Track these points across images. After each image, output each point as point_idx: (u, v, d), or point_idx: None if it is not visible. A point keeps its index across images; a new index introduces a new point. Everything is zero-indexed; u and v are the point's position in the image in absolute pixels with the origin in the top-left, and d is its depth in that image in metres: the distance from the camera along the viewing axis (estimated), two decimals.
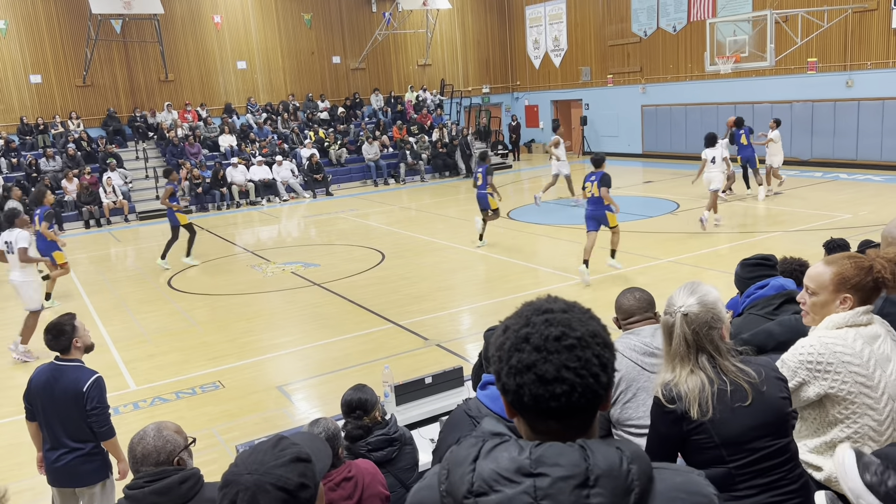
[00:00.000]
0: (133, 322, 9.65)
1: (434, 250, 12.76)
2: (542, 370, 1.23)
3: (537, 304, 1.31)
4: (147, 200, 19.79)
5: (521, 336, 1.26)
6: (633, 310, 3.22)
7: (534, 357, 1.24)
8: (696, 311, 2.36)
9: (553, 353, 1.23)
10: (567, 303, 1.31)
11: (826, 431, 2.61)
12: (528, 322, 1.27)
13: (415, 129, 24.56)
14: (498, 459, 1.23)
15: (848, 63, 18.11)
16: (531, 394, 1.23)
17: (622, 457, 1.21)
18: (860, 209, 13.14)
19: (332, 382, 6.94)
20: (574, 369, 1.22)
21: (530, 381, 1.23)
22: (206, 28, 23.34)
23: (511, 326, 1.29)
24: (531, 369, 1.23)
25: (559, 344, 1.23)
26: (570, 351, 1.23)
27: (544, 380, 1.22)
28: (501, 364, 1.28)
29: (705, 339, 2.35)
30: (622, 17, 24.06)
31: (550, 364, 1.22)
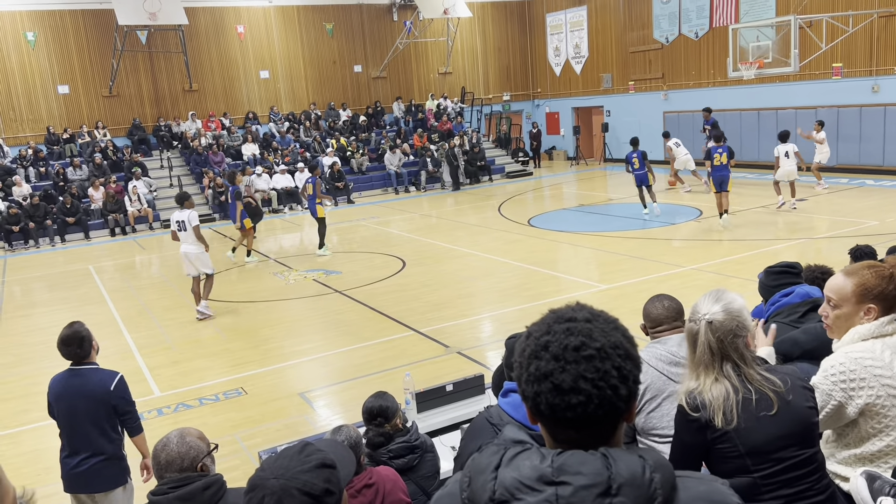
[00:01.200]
0: (157, 329, 9.75)
1: (454, 257, 12.76)
2: (559, 379, 1.22)
3: (561, 311, 1.30)
4: (171, 209, 19.98)
5: (541, 344, 1.26)
6: (661, 318, 3.18)
7: (552, 366, 1.23)
8: (720, 318, 2.33)
9: (571, 362, 1.22)
10: (592, 312, 1.29)
11: (858, 445, 2.55)
12: (550, 330, 1.26)
13: (435, 136, 24.62)
14: (520, 468, 1.22)
15: (874, 68, 17.88)
16: (547, 403, 1.23)
17: (645, 465, 1.20)
18: (887, 216, 12.93)
19: (353, 389, 6.96)
20: (591, 380, 1.21)
21: (547, 390, 1.23)
22: (230, 38, 23.63)
23: (533, 333, 1.29)
24: (548, 378, 1.23)
25: (578, 354, 1.22)
26: (588, 361, 1.22)
27: (561, 389, 1.21)
28: (521, 370, 1.28)
29: (730, 347, 2.32)
30: (644, 23, 23.97)
31: (567, 374, 1.21)
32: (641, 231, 13.72)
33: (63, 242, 18.15)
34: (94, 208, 19.06)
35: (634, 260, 11.41)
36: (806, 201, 15.09)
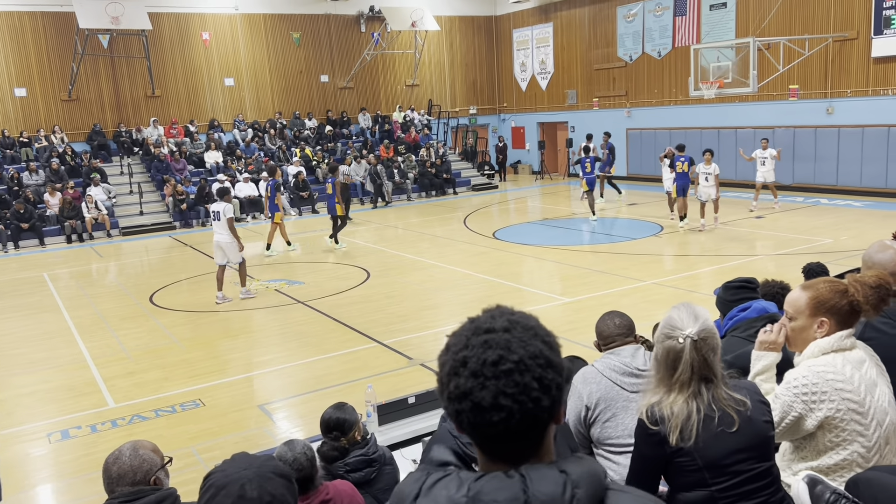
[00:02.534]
0: (113, 338, 9.54)
1: (419, 269, 12.74)
2: (479, 397, 1.17)
3: (480, 321, 1.25)
4: (131, 216, 19.68)
5: (459, 360, 1.20)
6: (613, 335, 3.24)
7: (470, 384, 1.18)
8: (704, 336, 2.32)
9: (490, 378, 1.17)
10: (511, 319, 1.23)
11: (816, 458, 2.59)
12: (467, 344, 1.21)
13: (402, 148, 24.64)
14: (436, 498, 1.19)
15: (828, 90, 18.41)
16: (469, 421, 1.19)
17: (566, 482, 1.16)
18: (841, 234, 13.29)
19: (314, 402, 6.88)
20: (512, 395, 1.16)
21: (468, 409, 1.18)
22: (195, 44, 23.37)
23: (451, 348, 1.24)
24: (468, 397, 1.18)
25: (496, 369, 1.17)
26: (507, 376, 1.17)
27: (481, 407, 1.17)
28: (443, 388, 1.23)
29: (712, 365, 2.31)
30: (608, 41, 24.37)
31: (487, 391, 1.17)
32: (604, 245, 13.88)
33: (16, 248, 17.67)
34: (49, 214, 18.62)
35: (596, 274, 11.52)
36: (763, 218, 15.44)
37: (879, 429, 2.53)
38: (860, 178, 17.77)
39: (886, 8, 16.86)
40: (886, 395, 2.59)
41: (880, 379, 2.60)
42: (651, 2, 22.60)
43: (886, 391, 2.60)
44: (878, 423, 2.52)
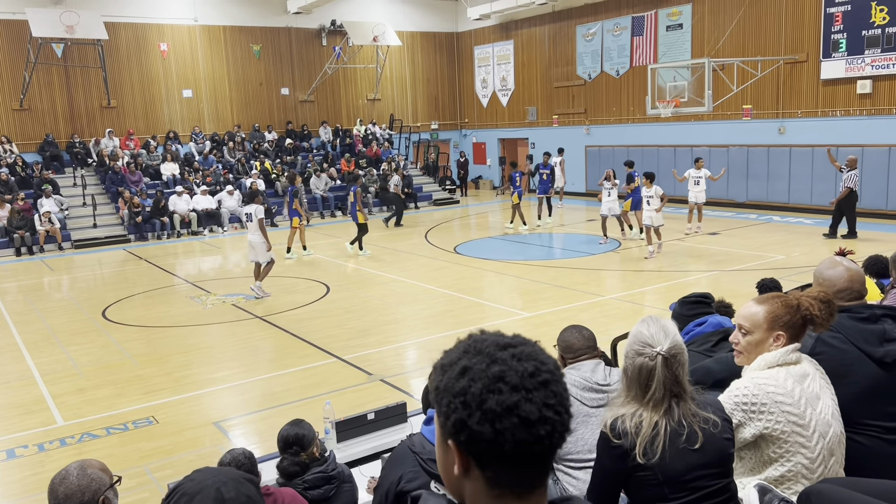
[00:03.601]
0: (63, 354, 9.26)
1: (380, 284, 12.68)
2: (526, 411, 1.11)
3: (491, 338, 1.20)
4: (84, 228, 19.22)
5: (493, 375, 1.13)
6: (579, 347, 3.24)
7: (515, 398, 1.11)
8: (674, 352, 2.31)
9: (532, 390, 1.12)
10: (518, 335, 1.22)
11: (762, 470, 2.65)
12: (495, 359, 1.15)
13: (363, 162, 24.58)
14: None
15: (780, 111, 18.95)
16: (514, 440, 1.11)
17: None
18: (792, 250, 13.64)
19: (271, 418, 6.76)
20: (552, 406, 1.13)
21: (512, 426, 1.11)
22: (152, 55, 23.03)
23: (473, 367, 1.15)
24: (513, 412, 1.11)
25: (535, 380, 1.13)
26: (545, 387, 1.13)
27: (528, 422, 1.11)
28: (470, 410, 1.12)
29: (682, 381, 2.31)
30: (568, 60, 24.73)
31: (532, 404, 1.11)
32: (563, 260, 14.01)
33: None
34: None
35: (556, 289, 11.61)
36: (718, 235, 15.76)
37: (822, 441, 2.58)
38: (811, 196, 18.28)
39: (834, 32, 17.46)
40: (830, 408, 2.65)
41: (824, 392, 2.67)
42: (609, 21, 23.04)
43: (830, 404, 2.66)
44: (821, 436, 2.58)
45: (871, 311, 3.01)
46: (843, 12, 17.26)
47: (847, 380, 2.85)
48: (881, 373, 2.90)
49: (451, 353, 1.22)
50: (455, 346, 1.23)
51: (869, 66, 16.92)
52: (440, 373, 1.20)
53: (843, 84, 17.56)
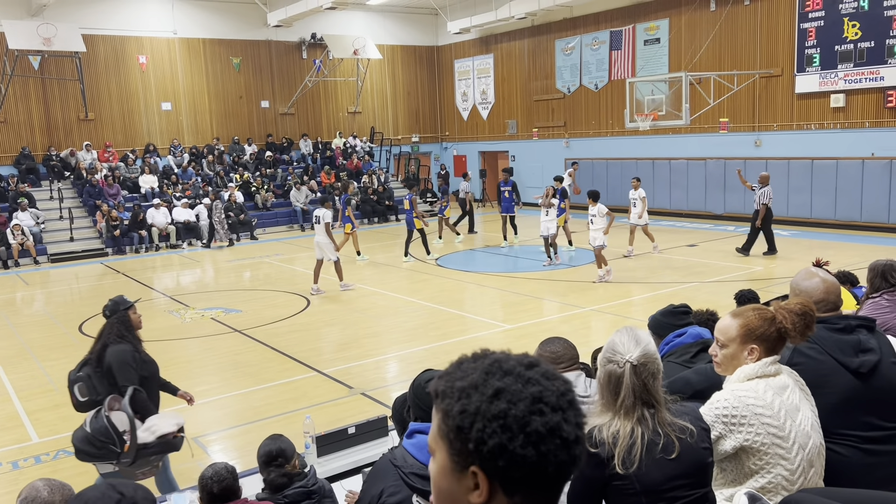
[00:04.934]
0: (39, 370, 9.12)
1: (360, 296, 12.64)
2: (567, 432, 1.08)
3: (512, 357, 1.16)
4: (60, 242, 18.98)
5: (531, 396, 1.09)
6: (562, 357, 3.25)
7: (557, 418, 1.08)
8: (644, 361, 2.34)
9: (567, 410, 1.10)
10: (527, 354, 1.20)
11: (742, 482, 2.67)
12: (529, 379, 1.11)
13: (344, 174, 24.56)
14: None
15: (756, 124, 19.23)
16: (557, 461, 1.08)
17: None
18: (770, 262, 13.79)
19: (251, 433, 6.70)
20: (581, 426, 1.11)
21: (556, 447, 1.08)
22: (131, 68, 22.89)
23: (509, 388, 1.10)
24: (556, 433, 1.08)
25: (566, 399, 1.11)
26: (574, 406, 1.11)
27: (568, 443, 1.08)
28: (511, 434, 1.07)
29: (652, 390, 2.33)
30: (547, 73, 24.93)
31: (570, 424, 1.09)
32: (544, 272, 14.05)
33: None
34: None
35: (537, 300, 11.64)
36: (696, 247, 15.90)
37: (802, 452, 2.60)
38: (787, 208, 18.51)
39: (808, 47, 17.78)
40: (809, 419, 2.67)
41: (803, 403, 2.69)
42: (588, 36, 23.28)
43: (810, 415, 2.69)
44: (801, 447, 2.60)
45: (847, 322, 3.05)
46: (817, 27, 17.59)
47: (824, 390, 2.88)
48: (857, 383, 2.93)
49: (465, 373, 1.15)
50: (464, 366, 1.17)
51: (842, 81, 17.23)
52: (463, 395, 1.12)
53: (817, 98, 17.86)
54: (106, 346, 4.81)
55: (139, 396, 4.66)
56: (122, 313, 4.89)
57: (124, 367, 4.75)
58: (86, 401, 4.79)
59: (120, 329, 4.86)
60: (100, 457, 4.57)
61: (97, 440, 4.46)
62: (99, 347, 4.85)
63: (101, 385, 4.78)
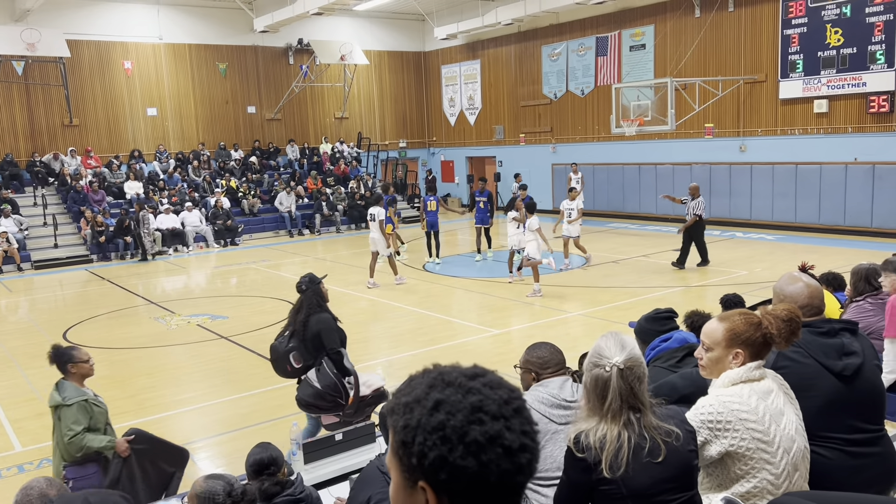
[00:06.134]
0: (22, 378, 9.03)
1: (348, 302, 12.60)
2: (509, 440, 1.08)
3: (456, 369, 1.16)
4: (44, 249, 18.81)
5: (470, 406, 1.09)
6: (549, 361, 3.25)
7: (497, 427, 1.08)
8: (629, 365, 2.35)
9: (511, 418, 1.10)
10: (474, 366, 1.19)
11: (728, 486, 2.67)
12: (469, 389, 1.11)
13: (331, 180, 24.53)
14: None
15: (741, 129, 19.38)
16: (499, 471, 1.07)
17: None
18: (755, 266, 13.89)
19: (238, 440, 6.66)
20: (529, 434, 1.11)
21: (497, 456, 1.07)
22: (116, 73, 22.75)
23: (448, 399, 1.10)
24: (497, 441, 1.07)
25: (510, 408, 1.11)
26: (520, 414, 1.11)
27: (511, 451, 1.08)
28: (451, 445, 1.07)
29: (638, 394, 2.35)
30: (534, 79, 25.02)
31: (513, 433, 1.09)
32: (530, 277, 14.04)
33: None
34: None
35: (524, 305, 11.66)
36: None
37: (787, 456, 2.62)
38: (772, 212, 18.68)
39: (791, 53, 17.95)
40: (794, 423, 2.69)
41: (787, 407, 2.71)
42: (574, 42, 23.39)
43: (794, 419, 2.70)
44: (786, 451, 2.62)
45: (830, 326, 3.08)
46: (800, 34, 17.77)
47: (809, 393, 2.90)
48: (841, 386, 2.96)
49: (412, 389, 1.15)
50: (413, 382, 1.17)
51: (825, 87, 17.41)
52: (406, 411, 1.12)
53: (801, 103, 18.03)
54: (308, 316, 5.45)
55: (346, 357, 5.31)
56: (317, 287, 5.56)
57: (331, 332, 5.43)
58: (300, 367, 5.43)
59: (317, 300, 5.55)
60: (328, 409, 5.22)
61: (328, 395, 5.19)
62: (302, 318, 5.47)
63: (309, 351, 5.38)
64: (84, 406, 4.65)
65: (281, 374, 5.64)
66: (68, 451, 4.56)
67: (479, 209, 16.36)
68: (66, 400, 4.63)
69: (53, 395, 4.71)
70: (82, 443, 4.52)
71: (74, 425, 4.53)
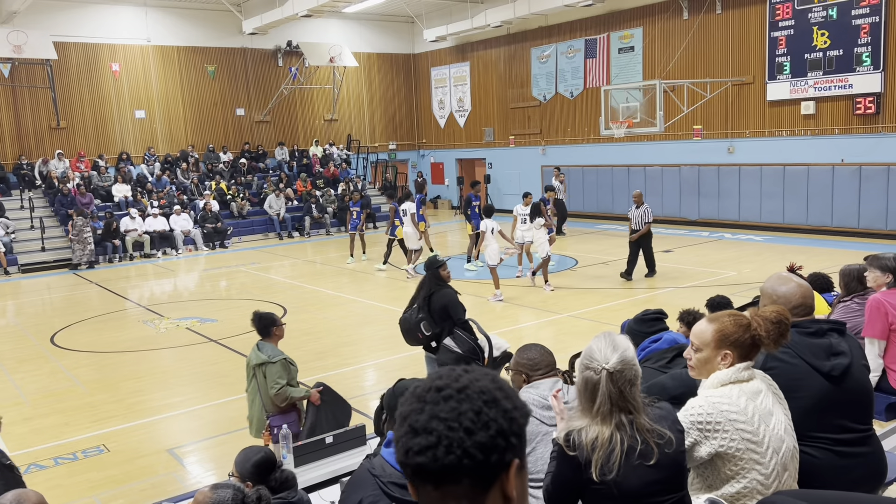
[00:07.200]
0: (9, 382, 8.95)
1: (339, 305, 12.58)
2: (414, 420, 1.16)
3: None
4: (31, 252, 18.67)
5: (411, 391, 1.22)
6: (539, 363, 3.25)
7: (411, 407, 1.18)
8: (620, 368, 2.35)
9: (429, 403, 1.16)
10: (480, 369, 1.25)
11: (719, 487, 2.68)
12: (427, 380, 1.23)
13: (320, 182, 24.47)
14: None
15: (729, 131, 19.49)
16: (403, 447, 1.17)
17: None
18: (743, 267, 13.96)
19: (227, 444, 6.62)
20: (445, 420, 1.14)
21: (404, 433, 1.17)
22: (103, 75, 22.62)
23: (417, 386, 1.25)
24: (406, 420, 1.18)
25: (438, 395, 1.17)
26: (445, 401, 1.16)
27: (414, 430, 1.16)
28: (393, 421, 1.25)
29: (629, 397, 2.35)
30: (523, 81, 25.07)
31: (423, 414, 1.16)
32: (520, 280, 14.07)
33: None
34: None
35: (514, 307, 11.67)
36: (671, 252, 16.06)
37: (776, 456, 2.63)
38: (760, 213, 18.78)
39: (779, 55, 18.07)
40: (783, 423, 2.70)
41: (776, 408, 2.72)
42: (563, 44, 23.45)
43: (783, 419, 2.71)
44: (775, 451, 2.63)
45: (818, 326, 3.09)
46: (787, 36, 17.89)
47: (797, 394, 2.91)
48: (829, 386, 2.97)
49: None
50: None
51: (812, 88, 17.53)
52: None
53: (789, 105, 18.15)
54: (431, 293, 6.35)
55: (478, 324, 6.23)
56: (435, 270, 6.47)
57: (456, 305, 6.28)
58: (430, 335, 6.34)
59: (438, 280, 6.43)
60: None
61: (468, 357, 5.94)
62: (424, 294, 6.40)
63: (435, 322, 6.30)
64: (285, 363, 5.35)
65: (412, 341, 6.56)
66: (273, 402, 5.30)
67: (474, 214, 15.92)
68: (272, 358, 5.30)
69: (258, 355, 5.36)
70: (287, 394, 5.29)
71: (279, 379, 5.26)
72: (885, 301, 4.57)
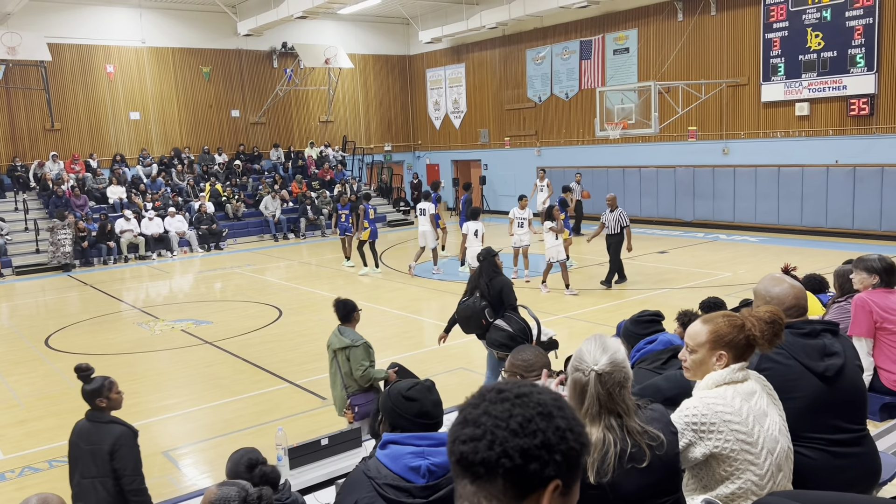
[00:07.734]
0: (3, 385, 8.92)
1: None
2: (469, 412, 1.24)
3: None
4: (26, 254, 18.61)
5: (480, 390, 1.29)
6: (534, 364, 3.25)
7: (472, 401, 1.26)
8: (609, 370, 2.33)
9: (487, 400, 1.24)
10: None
11: (713, 488, 2.69)
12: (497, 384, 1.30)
13: (316, 184, 24.45)
14: None
15: (724, 132, 19.53)
16: (452, 435, 1.24)
17: None
18: (738, 268, 13.99)
19: (222, 446, 6.61)
20: (495, 417, 1.20)
21: (456, 422, 1.25)
22: (98, 77, 22.57)
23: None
24: (462, 411, 1.26)
25: (497, 395, 1.24)
26: (501, 402, 1.22)
27: (465, 421, 1.23)
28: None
29: (618, 399, 2.34)
30: (518, 83, 25.10)
31: (479, 409, 1.23)
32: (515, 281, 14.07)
33: None
34: None
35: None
36: (667, 253, 16.09)
37: (770, 457, 2.63)
38: (755, 214, 18.83)
39: (773, 57, 18.12)
40: (777, 424, 2.70)
41: (771, 408, 2.72)
42: (558, 45, 23.49)
43: (777, 420, 2.72)
44: (769, 452, 2.63)
45: (812, 327, 3.10)
46: (781, 38, 17.94)
47: (792, 394, 2.92)
48: (823, 386, 2.98)
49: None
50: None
51: (806, 90, 17.59)
52: None
53: (783, 106, 18.21)
54: (490, 279, 6.69)
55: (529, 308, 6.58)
56: (492, 259, 6.84)
57: (511, 291, 6.67)
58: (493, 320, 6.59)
59: (493, 267, 6.80)
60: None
61: (518, 337, 6.30)
62: (485, 280, 6.70)
63: (494, 308, 6.60)
64: (367, 346, 5.74)
65: (472, 328, 6.76)
66: (357, 382, 5.68)
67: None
68: (355, 342, 5.71)
69: (340, 339, 5.79)
70: (371, 375, 5.66)
71: (364, 361, 5.65)
72: (869, 300, 4.59)
